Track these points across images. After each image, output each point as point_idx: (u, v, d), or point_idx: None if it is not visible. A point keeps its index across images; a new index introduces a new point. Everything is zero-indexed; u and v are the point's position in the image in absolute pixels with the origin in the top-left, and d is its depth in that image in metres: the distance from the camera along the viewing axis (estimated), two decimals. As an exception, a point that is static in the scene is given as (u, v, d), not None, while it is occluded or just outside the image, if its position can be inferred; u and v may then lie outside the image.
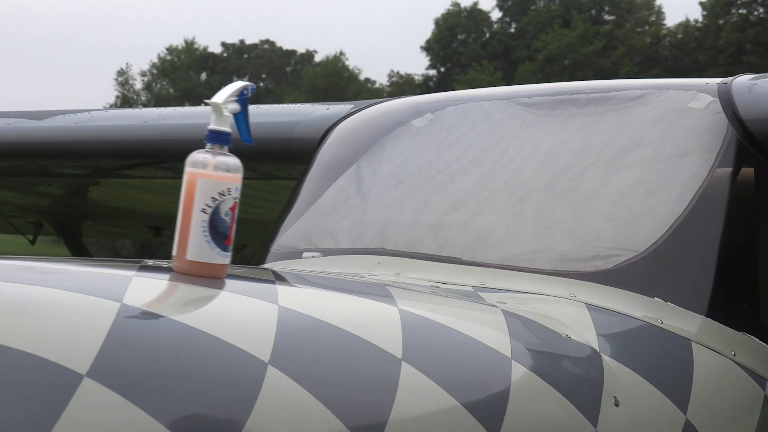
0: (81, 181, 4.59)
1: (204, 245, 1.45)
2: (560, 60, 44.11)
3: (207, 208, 1.45)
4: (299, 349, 1.34)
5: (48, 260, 1.48)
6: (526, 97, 2.60)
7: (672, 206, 2.20)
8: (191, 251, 1.45)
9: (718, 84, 2.46)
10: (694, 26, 44.17)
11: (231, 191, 1.47)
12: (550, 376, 1.64)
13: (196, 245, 1.45)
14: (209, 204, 1.45)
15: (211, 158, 1.48)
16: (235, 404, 1.20)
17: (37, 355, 1.10)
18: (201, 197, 1.46)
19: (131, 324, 1.21)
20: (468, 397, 1.46)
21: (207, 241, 1.45)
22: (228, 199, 1.47)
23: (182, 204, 1.47)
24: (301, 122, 3.21)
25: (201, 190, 1.46)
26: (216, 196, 1.46)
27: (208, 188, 1.46)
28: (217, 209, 1.46)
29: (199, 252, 1.45)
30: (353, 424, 1.28)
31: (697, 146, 2.31)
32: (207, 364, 1.22)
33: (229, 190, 1.47)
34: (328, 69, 53.52)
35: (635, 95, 2.47)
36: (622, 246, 2.13)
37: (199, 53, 61.84)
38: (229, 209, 1.47)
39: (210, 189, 1.46)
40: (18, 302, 1.19)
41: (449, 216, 2.32)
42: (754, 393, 2.13)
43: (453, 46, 51.94)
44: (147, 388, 1.14)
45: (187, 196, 1.46)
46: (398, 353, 1.42)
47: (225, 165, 1.48)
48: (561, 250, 2.14)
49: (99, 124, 3.79)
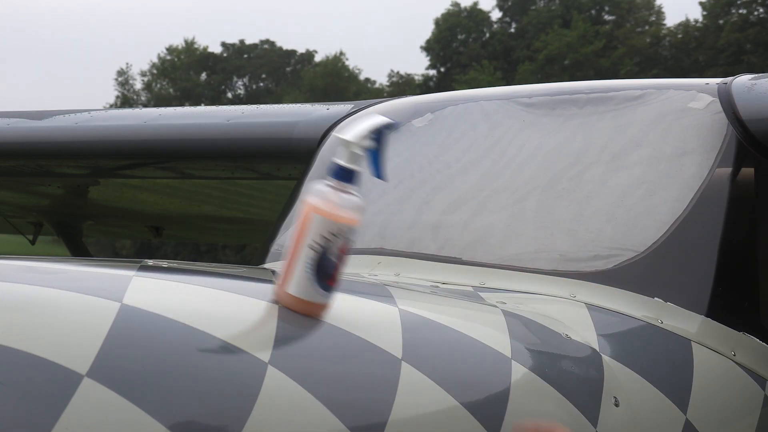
0: (81, 181, 4.59)
1: (306, 282, 1.40)
2: (560, 60, 44.12)
3: (316, 246, 1.39)
4: (299, 349, 1.34)
5: (48, 260, 1.48)
6: (526, 97, 2.60)
7: (672, 206, 2.20)
8: (293, 286, 1.40)
9: (718, 84, 2.46)
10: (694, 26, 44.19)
11: (344, 232, 1.41)
12: (550, 376, 1.64)
13: (298, 281, 1.40)
14: (319, 242, 1.39)
15: (333, 195, 1.41)
16: (235, 404, 1.20)
17: (37, 355, 1.10)
18: (313, 233, 1.40)
19: (131, 324, 1.21)
20: (468, 397, 1.46)
21: (309, 278, 1.40)
22: (340, 239, 1.40)
23: (295, 234, 1.42)
24: (301, 122, 3.21)
25: (315, 226, 1.40)
26: (327, 236, 1.40)
27: (322, 226, 1.40)
28: (327, 249, 1.40)
29: (300, 288, 1.40)
30: (353, 424, 1.28)
31: (697, 146, 2.31)
32: (207, 364, 1.22)
33: (342, 231, 1.40)
34: (328, 69, 53.56)
35: (635, 95, 2.47)
36: (622, 246, 2.13)
37: (199, 53, 61.87)
38: (339, 250, 1.41)
39: (323, 227, 1.39)
40: (18, 302, 1.18)
41: (449, 216, 2.32)
42: (754, 393, 2.13)
43: (453, 46, 51.96)
44: (147, 388, 1.14)
45: (300, 228, 1.41)
46: (398, 353, 1.42)
47: (345, 204, 1.41)
48: (561, 250, 2.14)
49: (99, 124, 3.79)
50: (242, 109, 3.55)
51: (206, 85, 61.36)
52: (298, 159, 3.07)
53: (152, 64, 61.90)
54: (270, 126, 3.31)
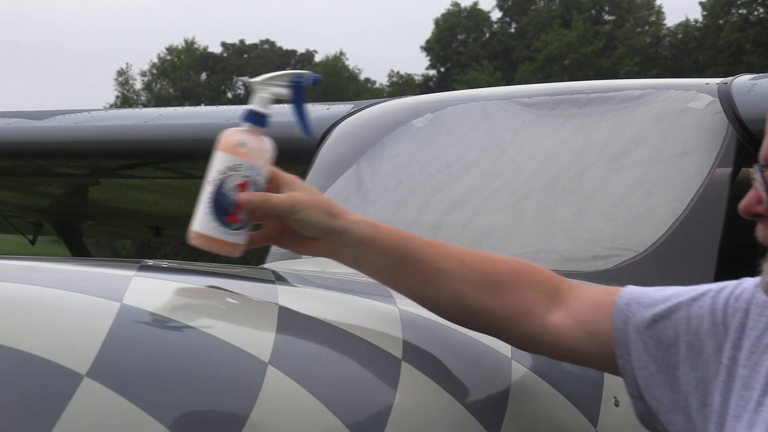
0: (81, 181, 4.59)
1: (205, 217, 1.45)
2: (560, 60, 44.14)
3: (213, 181, 1.45)
4: (299, 349, 1.34)
5: (48, 260, 1.48)
6: (526, 97, 2.60)
7: (672, 206, 2.20)
8: (196, 222, 1.45)
9: (718, 84, 2.46)
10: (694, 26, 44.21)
11: (241, 168, 1.45)
12: (550, 376, 1.64)
13: (200, 216, 1.45)
14: (215, 177, 1.45)
15: (233, 134, 1.48)
16: (235, 404, 1.20)
17: (37, 355, 1.10)
18: (212, 170, 1.46)
19: (131, 324, 1.21)
20: (468, 397, 1.46)
21: (207, 213, 1.44)
22: (235, 175, 1.45)
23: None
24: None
25: (214, 163, 1.46)
26: (223, 170, 1.45)
27: (219, 162, 1.46)
28: (222, 183, 1.44)
29: (201, 224, 1.45)
30: (353, 424, 1.28)
31: (697, 146, 2.31)
32: (207, 364, 1.22)
33: (238, 167, 1.45)
34: (328, 69, 53.55)
35: (635, 95, 2.47)
36: (622, 246, 2.13)
37: (199, 53, 61.87)
38: (235, 185, 1.45)
39: (220, 163, 1.45)
40: (18, 302, 1.18)
41: (449, 216, 2.32)
42: (754, 393, 2.13)
43: (453, 46, 51.98)
44: (147, 388, 1.14)
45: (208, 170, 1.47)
46: (398, 353, 1.42)
47: (243, 143, 1.47)
48: (561, 250, 2.14)
49: (99, 124, 3.79)
50: (242, 109, 3.55)
51: (206, 85, 61.36)
52: (298, 159, 3.06)
53: (152, 64, 61.94)
54: (270, 126, 3.31)
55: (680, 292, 1.47)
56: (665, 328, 1.43)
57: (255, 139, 1.48)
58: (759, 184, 1.32)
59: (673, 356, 1.43)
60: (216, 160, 1.46)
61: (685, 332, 1.42)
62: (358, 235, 1.47)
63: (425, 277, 1.49)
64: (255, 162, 1.47)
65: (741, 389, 1.35)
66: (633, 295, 1.48)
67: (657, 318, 1.44)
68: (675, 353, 1.43)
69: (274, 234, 1.52)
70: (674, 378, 1.43)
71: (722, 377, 1.38)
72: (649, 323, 1.44)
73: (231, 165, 1.45)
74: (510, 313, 1.48)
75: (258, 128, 1.50)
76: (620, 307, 1.46)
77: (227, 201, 1.44)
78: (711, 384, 1.39)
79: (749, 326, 1.39)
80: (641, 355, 1.44)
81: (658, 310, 1.45)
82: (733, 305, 1.42)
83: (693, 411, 1.41)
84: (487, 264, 1.51)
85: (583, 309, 1.48)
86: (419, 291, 1.51)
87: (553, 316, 1.48)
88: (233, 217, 1.45)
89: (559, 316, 1.48)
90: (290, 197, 1.47)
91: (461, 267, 1.49)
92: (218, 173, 1.45)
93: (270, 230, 1.52)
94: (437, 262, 1.49)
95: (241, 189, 1.45)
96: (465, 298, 1.48)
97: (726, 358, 1.38)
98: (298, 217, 1.45)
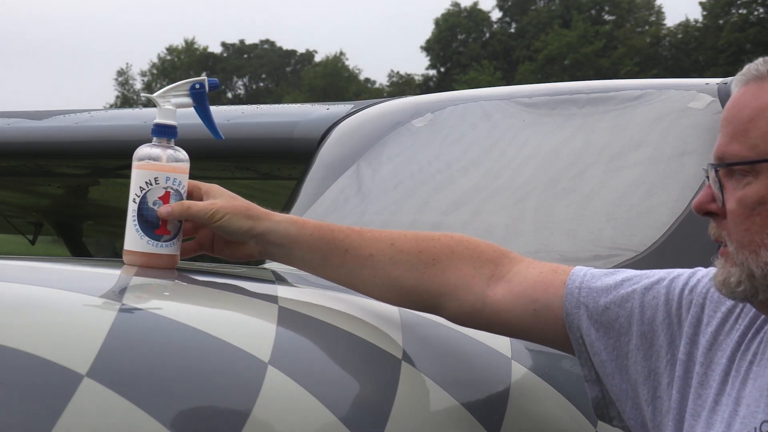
0: (81, 181, 4.59)
1: (134, 234, 1.48)
2: (560, 60, 44.13)
3: (136, 198, 1.49)
4: (299, 349, 1.34)
5: (48, 260, 1.48)
6: (526, 97, 2.60)
7: (672, 206, 2.20)
8: (126, 241, 1.49)
9: (718, 84, 2.46)
10: (694, 26, 44.20)
11: (159, 180, 1.48)
12: (550, 376, 1.64)
13: (128, 235, 1.49)
14: (137, 193, 1.49)
15: (146, 150, 1.52)
16: (235, 404, 1.20)
17: (37, 355, 1.10)
18: (133, 187, 1.49)
19: (131, 324, 1.21)
20: (468, 397, 1.46)
21: (136, 230, 1.47)
22: (157, 188, 1.48)
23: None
24: (301, 122, 3.21)
25: (133, 181, 1.50)
26: (143, 186, 1.48)
27: (138, 178, 1.49)
28: (145, 198, 1.48)
29: (131, 241, 1.48)
30: (353, 424, 1.28)
31: (697, 146, 2.31)
32: (207, 364, 1.22)
33: (156, 180, 1.48)
34: (328, 69, 53.56)
35: (635, 95, 2.47)
36: (622, 246, 2.13)
37: (199, 53, 61.85)
38: (158, 198, 1.48)
39: (139, 179, 1.49)
40: (18, 302, 1.18)
41: (449, 216, 2.32)
42: (754, 393, 2.13)
43: (453, 46, 51.97)
44: (147, 388, 1.14)
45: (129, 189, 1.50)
46: (398, 353, 1.42)
47: (156, 156, 1.50)
48: (561, 250, 2.14)
49: (99, 124, 3.79)
50: (242, 109, 3.55)
51: (206, 85, 61.22)
52: (298, 159, 3.06)
53: (152, 64, 61.93)
54: (270, 126, 3.31)
55: (632, 278, 1.46)
56: (618, 316, 1.43)
57: (168, 151, 1.51)
58: (713, 182, 1.32)
59: (624, 345, 1.42)
60: (134, 177, 1.49)
61: (639, 322, 1.42)
62: (283, 234, 1.49)
63: (356, 265, 1.50)
64: (171, 173, 1.49)
65: (698, 387, 1.35)
66: (584, 278, 1.46)
67: (610, 305, 1.43)
68: (627, 342, 1.42)
69: (206, 243, 1.56)
70: (625, 367, 1.42)
71: (679, 373, 1.37)
72: (602, 310, 1.43)
73: (149, 179, 1.48)
74: (446, 288, 1.48)
75: (168, 140, 1.53)
76: (572, 290, 1.45)
77: (153, 214, 1.48)
78: (662, 375, 1.39)
79: (704, 322, 1.38)
80: (593, 341, 1.43)
81: (611, 297, 1.44)
82: (688, 297, 1.41)
83: (642, 402, 1.41)
84: (420, 243, 1.51)
85: (527, 285, 1.47)
86: (353, 280, 1.52)
87: (493, 290, 1.47)
88: (162, 229, 1.48)
89: (499, 290, 1.47)
90: (209, 204, 1.49)
91: (390, 250, 1.49)
92: (139, 189, 1.48)
93: (201, 239, 1.56)
94: (365, 249, 1.50)
95: (163, 201, 1.48)
96: (399, 279, 1.49)
97: (682, 354, 1.38)
98: (219, 224, 1.48)
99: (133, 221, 1.48)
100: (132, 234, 1.48)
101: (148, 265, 1.47)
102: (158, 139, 1.52)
